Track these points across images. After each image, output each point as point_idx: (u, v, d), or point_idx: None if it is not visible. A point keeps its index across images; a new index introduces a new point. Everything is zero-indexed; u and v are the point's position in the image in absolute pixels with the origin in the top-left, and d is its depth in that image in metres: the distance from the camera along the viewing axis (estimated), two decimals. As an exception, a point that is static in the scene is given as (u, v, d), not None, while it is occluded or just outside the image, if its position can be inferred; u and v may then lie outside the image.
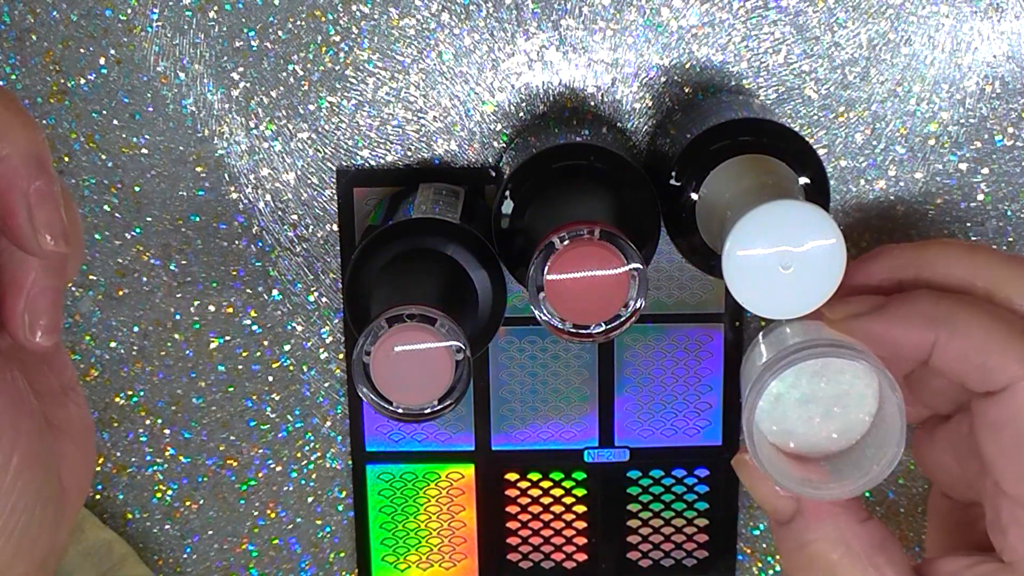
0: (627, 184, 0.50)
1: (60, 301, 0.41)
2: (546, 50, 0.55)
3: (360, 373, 0.46)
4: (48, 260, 0.40)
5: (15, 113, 0.39)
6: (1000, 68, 0.55)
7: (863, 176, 0.56)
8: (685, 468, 0.60)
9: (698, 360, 0.58)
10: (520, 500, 0.60)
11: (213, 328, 0.58)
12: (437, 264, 0.51)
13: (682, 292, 0.57)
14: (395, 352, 0.46)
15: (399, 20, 0.55)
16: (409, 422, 0.48)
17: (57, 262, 0.41)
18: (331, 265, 0.57)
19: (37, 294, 0.41)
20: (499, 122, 0.56)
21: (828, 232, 0.45)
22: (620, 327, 0.47)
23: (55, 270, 0.41)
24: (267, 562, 0.61)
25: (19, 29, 0.55)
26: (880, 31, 0.55)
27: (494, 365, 0.58)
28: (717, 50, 0.55)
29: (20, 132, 0.39)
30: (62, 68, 0.55)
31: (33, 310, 0.40)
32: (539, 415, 0.59)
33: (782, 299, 0.46)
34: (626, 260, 0.45)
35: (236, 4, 0.54)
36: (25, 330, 0.40)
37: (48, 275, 0.41)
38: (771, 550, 0.61)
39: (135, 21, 0.55)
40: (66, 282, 0.43)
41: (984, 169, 0.56)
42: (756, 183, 0.47)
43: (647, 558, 0.61)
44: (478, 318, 0.51)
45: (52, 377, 0.43)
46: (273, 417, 0.59)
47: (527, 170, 0.50)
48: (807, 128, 0.56)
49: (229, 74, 0.55)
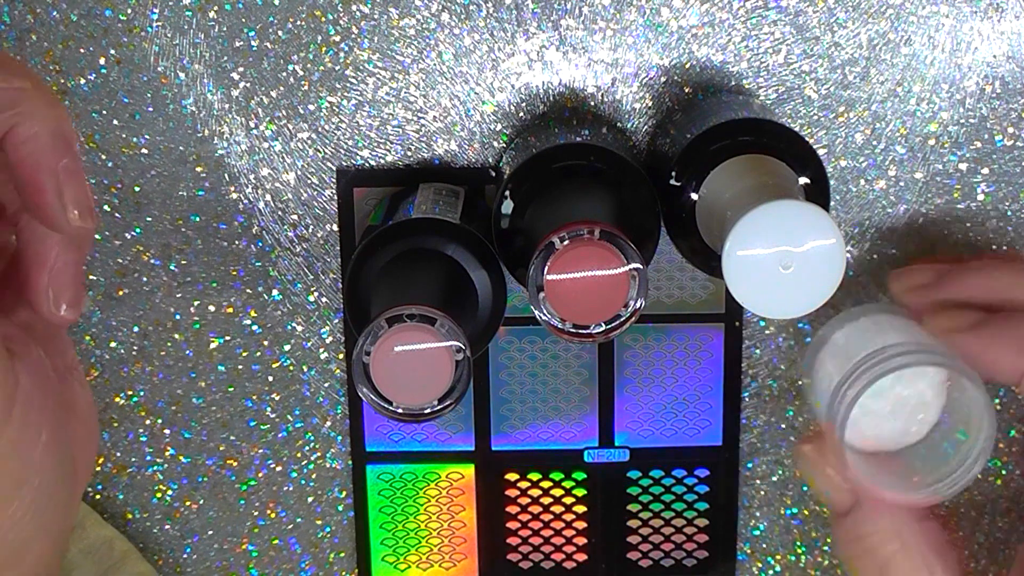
0: (627, 184, 0.50)
1: (82, 275, 0.42)
2: (546, 50, 0.55)
3: (360, 373, 0.46)
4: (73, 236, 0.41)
5: (41, 92, 0.40)
6: (1000, 68, 0.55)
7: (863, 176, 0.56)
8: (685, 468, 0.60)
9: (698, 360, 0.58)
10: (520, 500, 0.60)
11: (213, 328, 0.58)
12: (437, 264, 0.51)
13: (682, 292, 0.57)
14: (395, 352, 0.46)
15: (399, 20, 0.55)
16: (409, 422, 0.48)
17: (82, 237, 0.41)
18: (331, 265, 0.57)
19: (60, 269, 0.41)
20: (499, 122, 0.56)
21: (828, 232, 0.45)
22: (620, 327, 0.47)
23: (77, 245, 0.42)
24: (267, 562, 0.61)
25: (19, 29, 0.55)
26: (880, 31, 0.55)
27: (494, 365, 0.58)
28: (717, 50, 0.55)
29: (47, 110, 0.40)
30: (62, 68, 0.55)
31: (57, 285, 0.41)
32: (539, 415, 0.59)
33: (782, 299, 0.46)
34: (626, 260, 0.45)
35: (236, 4, 0.54)
36: (50, 304, 0.41)
37: (70, 250, 0.42)
38: (771, 550, 0.61)
39: (135, 21, 0.55)
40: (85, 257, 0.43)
41: (984, 169, 0.56)
42: (756, 183, 0.47)
43: (647, 558, 0.61)
44: (478, 318, 0.51)
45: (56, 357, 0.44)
46: (273, 417, 0.59)
47: (527, 170, 0.50)
48: (807, 128, 0.56)
49: (229, 74, 0.55)
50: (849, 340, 0.51)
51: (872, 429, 0.50)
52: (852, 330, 0.51)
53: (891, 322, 0.51)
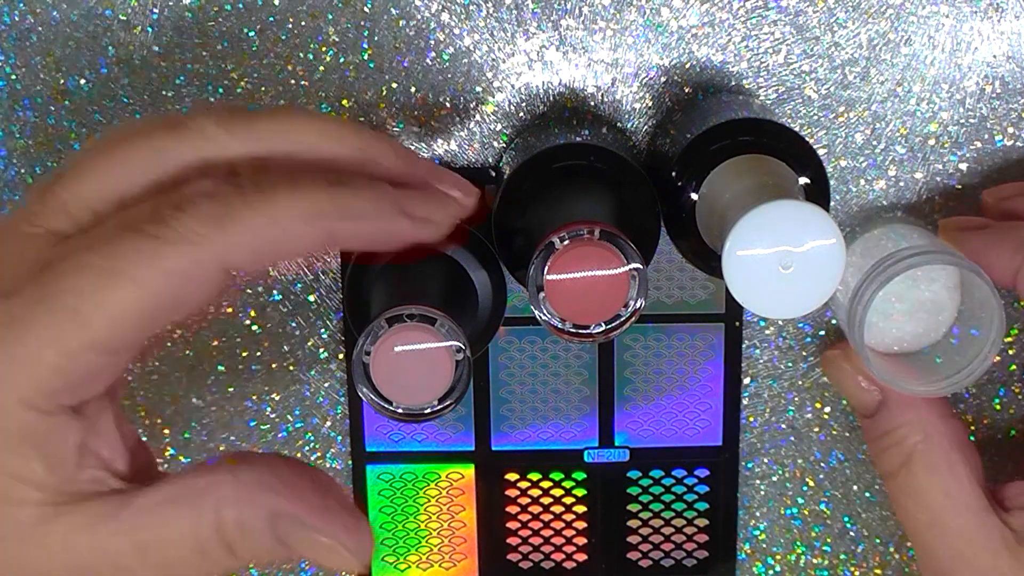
0: (627, 184, 0.50)
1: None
2: (546, 50, 0.55)
3: (360, 373, 0.46)
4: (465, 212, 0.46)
5: (329, 120, 0.44)
6: (1000, 68, 0.55)
7: (863, 176, 0.56)
8: (685, 468, 0.60)
9: (698, 360, 0.58)
10: (520, 500, 0.60)
11: (213, 328, 0.58)
12: (437, 264, 0.51)
13: (682, 292, 0.57)
14: (395, 352, 0.46)
15: (399, 20, 0.55)
16: (409, 422, 0.48)
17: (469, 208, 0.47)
18: (331, 265, 0.57)
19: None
20: (499, 122, 0.56)
21: (828, 232, 0.45)
22: (620, 327, 0.47)
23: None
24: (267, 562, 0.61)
25: (19, 29, 0.55)
26: (880, 31, 0.55)
27: (494, 365, 0.58)
28: (717, 50, 0.55)
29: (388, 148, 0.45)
30: (62, 68, 0.55)
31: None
32: (539, 415, 0.59)
33: (782, 299, 0.46)
34: (626, 260, 0.45)
35: (236, 4, 0.54)
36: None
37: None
38: (771, 550, 0.61)
39: (135, 21, 0.55)
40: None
41: (984, 169, 0.56)
42: (756, 183, 0.47)
43: (647, 558, 0.61)
44: (478, 318, 0.51)
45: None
46: (273, 417, 0.59)
47: (527, 170, 0.50)
48: (807, 128, 0.56)
49: (229, 74, 0.55)
50: (865, 250, 0.53)
51: (892, 332, 0.53)
52: (866, 241, 0.54)
53: (904, 230, 0.54)
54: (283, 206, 0.40)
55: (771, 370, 0.59)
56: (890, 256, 0.49)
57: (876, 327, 0.53)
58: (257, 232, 0.39)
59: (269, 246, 0.39)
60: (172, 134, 0.42)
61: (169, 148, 0.41)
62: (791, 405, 0.59)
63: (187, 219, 0.39)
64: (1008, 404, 0.59)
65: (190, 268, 0.38)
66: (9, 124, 0.56)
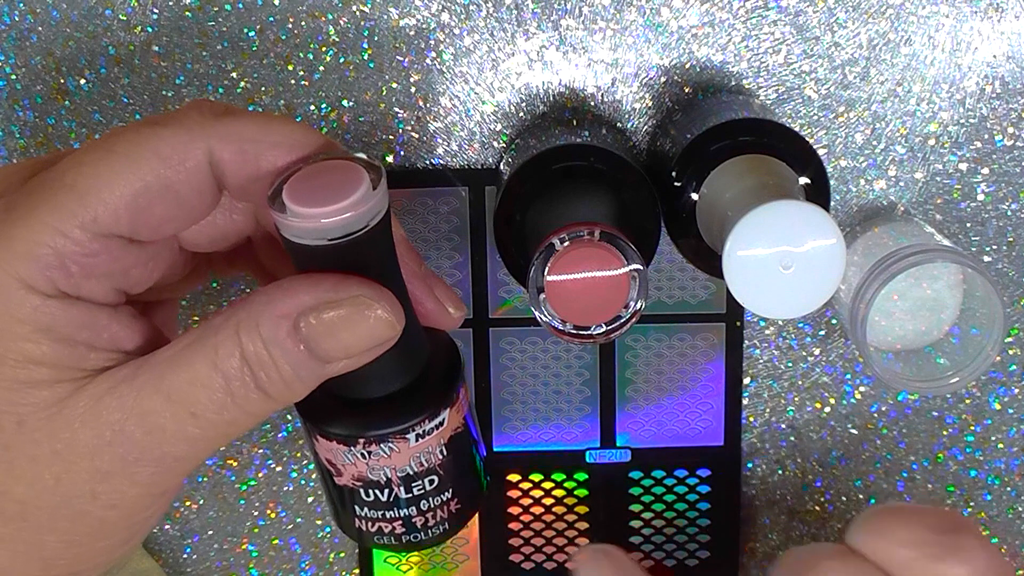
0: (627, 184, 0.50)
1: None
2: (546, 50, 0.55)
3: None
4: (452, 327, 0.45)
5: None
6: (1000, 68, 0.55)
7: (863, 176, 0.56)
8: (687, 468, 0.60)
9: (699, 360, 0.58)
10: (522, 501, 0.60)
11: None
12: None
13: (683, 292, 0.57)
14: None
15: (399, 20, 0.55)
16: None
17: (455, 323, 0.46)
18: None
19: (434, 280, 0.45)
20: (499, 122, 0.56)
21: (828, 232, 0.45)
22: (621, 328, 0.46)
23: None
24: (267, 562, 0.61)
25: (19, 29, 0.55)
26: (880, 31, 0.55)
27: (495, 366, 0.58)
28: (717, 50, 0.55)
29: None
30: (62, 68, 0.55)
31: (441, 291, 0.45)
32: (540, 416, 0.59)
33: (782, 299, 0.46)
34: (626, 261, 0.45)
35: (236, 4, 0.54)
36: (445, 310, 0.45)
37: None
38: (771, 550, 0.61)
39: (135, 21, 0.55)
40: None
41: (984, 169, 0.56)
42: (756, 183, 0.47)
43: (649, 558, 0.61)
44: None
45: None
46: (273, 417, 0.59)
47: (527, 171, 0.50)
48: (807, 128, 0.56)
49: (229, 74, 0.55)
50: (866, 249, 0.54)
51: (894, 330, 0.54)
52: (868, 240, 0.54)
53: (904, 229, 0.54)
54: (277, 118, 0.42)
55: (771, 370, 0.59)
56: (892, 254, 0.50)
57: (878, 325, 0.53)
58: (247, 124, 0.40)
59: (255, 146, 0.40)
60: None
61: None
62: (791, 405, 0.59)
63: (187, 110, 0.40)
64: (1008, 404, 0.59)
65: (180, 152, 0.39)
66: (9, 124, 0.56)
